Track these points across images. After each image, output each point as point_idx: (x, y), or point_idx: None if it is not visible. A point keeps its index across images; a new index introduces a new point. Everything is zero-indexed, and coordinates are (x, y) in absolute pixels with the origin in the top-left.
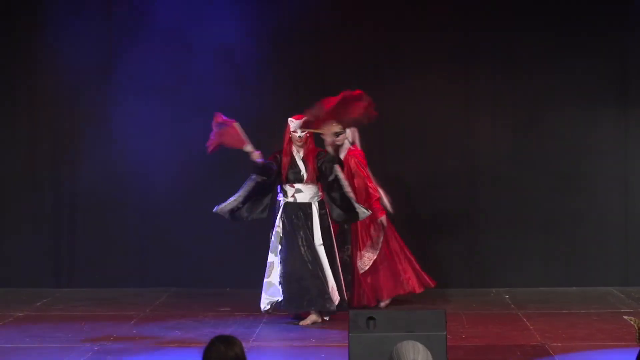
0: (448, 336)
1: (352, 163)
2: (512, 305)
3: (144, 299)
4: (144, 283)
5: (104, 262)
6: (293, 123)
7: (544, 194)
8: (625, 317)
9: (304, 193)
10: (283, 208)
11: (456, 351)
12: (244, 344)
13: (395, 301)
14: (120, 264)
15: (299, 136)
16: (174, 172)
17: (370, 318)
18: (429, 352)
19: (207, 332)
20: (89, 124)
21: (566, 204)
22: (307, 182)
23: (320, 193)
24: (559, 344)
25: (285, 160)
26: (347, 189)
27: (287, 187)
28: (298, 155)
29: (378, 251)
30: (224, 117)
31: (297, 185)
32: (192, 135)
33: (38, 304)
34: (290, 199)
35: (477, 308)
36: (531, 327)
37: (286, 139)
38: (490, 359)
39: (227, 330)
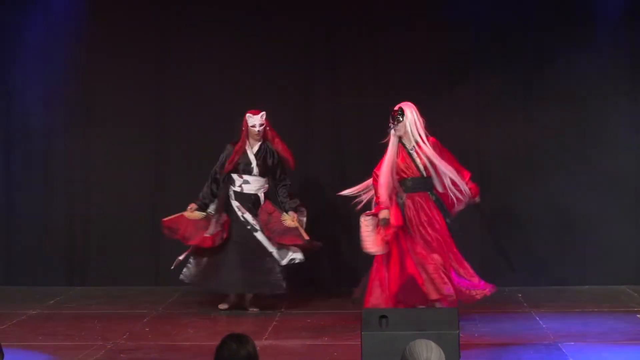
0: (461, 335)
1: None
2: (525, 304)
3: (157, 297)
4: (157, 281)
5: (117, 260)
6: (251, 118)
7: (557, 193)
8: (638, 315)
9: (251, 184)
10: (233, 196)
11: (469, 350)
12: (257, 342)
13: None
14: (132, 262)
15: (258, 130)
16: (186, 171)
17: (383, 317)
18: (442, 351)
19: (220, 330)
20: (102, 122)
21: (579, 202)
22: (255, 175)
23: (267, 185)
24: (572, 343)
25: (236, 151)
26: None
27: (236, 177)
28: (250, 148)
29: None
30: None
31: (245, 177)
32: (206, 135)
33: (51, 302)
34: (237, 189)
35: (489, 307)
36: (544, 326)
37: (243, 133)
38: (503, 357)
39: (240, 329)
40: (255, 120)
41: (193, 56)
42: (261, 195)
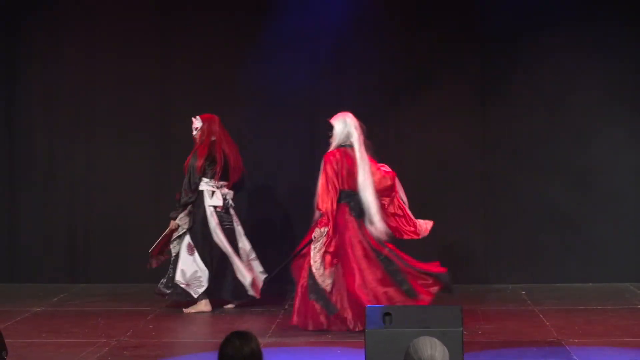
0: (464, 332)
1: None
2: (529, 302)
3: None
4: (159, 278)
5: (120, 257)
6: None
7: (561, 190)
8: None
9: None
10: None
11: (472, 347)
12: (260, 340)
13: None
14: (135, 259)
15: (194, 135)
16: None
17: (387, 314)
18: (445, 348)
19: (224, 327)
20: (103, 122)
21: (582, 200)
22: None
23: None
24: (576, 340)
25: None
26: None
27: None
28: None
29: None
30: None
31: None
32: None
33: (54, 299)
34: None
35: (493, 304)
36: (547, 323)
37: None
38: (506, 355)
39: (244, 326)
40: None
41: (194, 56)
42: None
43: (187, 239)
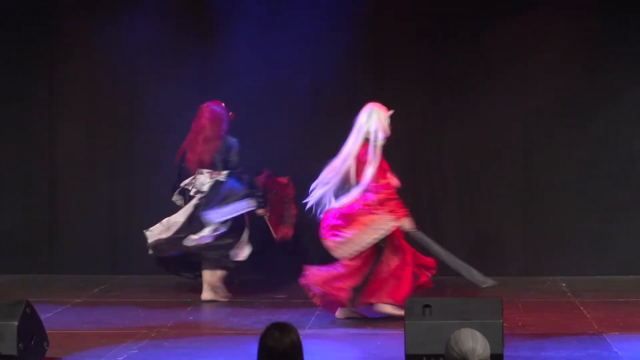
0: (504, 324)
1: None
2: (569, 294)
3: (200, 286)
4: (200, 270)
5: None
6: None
7: (601, 182)
8: None
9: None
10: None
11: (512, 339)
12: (300, 331)
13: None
14: None
15: None
16: None
17: (427, 306)
18: (486, 340)
19: (263, 319)
20: (148, 111)
21: (623, 191)
22: None
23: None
24: (617, 333)
25: None
26: None
27: None
28: None
29: None
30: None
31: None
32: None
33: (95, 290)
34: None
35: (533, 296)
36: (588, 316)
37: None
38: (546, 347)
39: (283, 318)
40: None
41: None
42: None
43: None
